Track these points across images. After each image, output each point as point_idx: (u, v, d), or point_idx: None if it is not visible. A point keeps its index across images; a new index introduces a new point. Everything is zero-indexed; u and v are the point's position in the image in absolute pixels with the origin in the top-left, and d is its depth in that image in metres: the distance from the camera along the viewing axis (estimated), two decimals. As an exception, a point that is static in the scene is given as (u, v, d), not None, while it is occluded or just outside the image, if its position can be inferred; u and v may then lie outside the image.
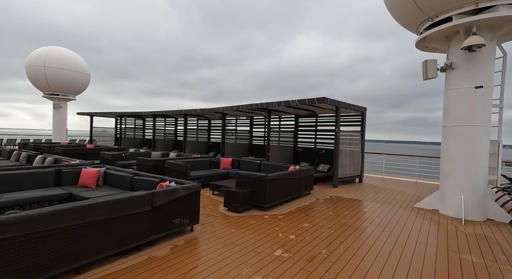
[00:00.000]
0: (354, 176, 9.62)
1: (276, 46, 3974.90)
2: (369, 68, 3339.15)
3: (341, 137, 9.02)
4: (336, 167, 8.62)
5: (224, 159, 8.99)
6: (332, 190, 8.10)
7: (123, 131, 20.37)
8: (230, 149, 13.38)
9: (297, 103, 8.63)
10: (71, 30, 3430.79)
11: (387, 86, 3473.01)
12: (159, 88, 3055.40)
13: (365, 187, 8.83)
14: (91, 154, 12.00)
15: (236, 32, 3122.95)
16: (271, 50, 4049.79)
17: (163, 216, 3.68)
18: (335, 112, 8.75)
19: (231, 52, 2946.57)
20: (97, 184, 5.40)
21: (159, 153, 11.28)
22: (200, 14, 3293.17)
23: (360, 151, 9.94)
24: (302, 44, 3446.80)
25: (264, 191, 5.51)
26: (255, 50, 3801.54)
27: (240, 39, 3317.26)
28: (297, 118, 12.08)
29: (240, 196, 5.26)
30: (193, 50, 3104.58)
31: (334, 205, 6.35)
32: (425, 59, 5.97)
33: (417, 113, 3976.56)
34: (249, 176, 5.74)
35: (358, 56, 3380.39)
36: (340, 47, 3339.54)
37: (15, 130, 41.30)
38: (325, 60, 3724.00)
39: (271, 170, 8.19)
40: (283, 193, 6.08)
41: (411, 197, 7.56)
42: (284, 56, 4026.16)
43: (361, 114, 10.10)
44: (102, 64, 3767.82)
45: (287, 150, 11.78)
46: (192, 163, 8.17)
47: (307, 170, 7.11)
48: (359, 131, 10.02)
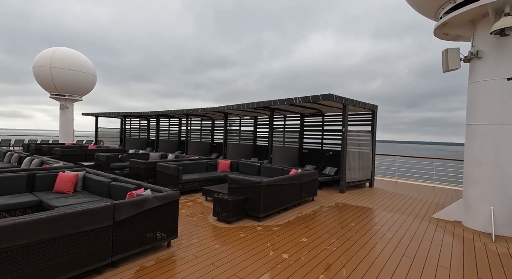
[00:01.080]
0: (364, 180, 8.82)
1: (288, 47, 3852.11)
2: (384, 67, 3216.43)
3: (349, 138, 8.26)
4: (343, 170, 7.87)
5: (222, 161, 8.41)
6: (339, 196, 7.36)
7: (128, 131, 20.20)
8: (232, 150, 12.81)
9: (300, 101, 7.95)
10: (89, 34, 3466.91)
11: (403, 85, 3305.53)
12: (172, 89, 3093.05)
13: (376, 193, 8.03)
14: (91, 155, 11.70)
15: (249, 33, 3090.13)
16: (283, 51, 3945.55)
17: (130, 231, 3.11)
18: (343, 111, 8.01)
19: (243, 53, 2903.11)
20: (75, 189, 4.92)
21: (157, 155, 10.83)
22: (214, 16, 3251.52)
23: (371, 153, 9.13)
24: (315, 44, 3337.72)
25: (258, 198, 4.87)
26: (267, 51, 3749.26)
27: (253, 40, 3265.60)
28: (302, 117, 11.36)
29: (230, 204, 4.65)
30: (206, 52, 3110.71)
31: (340, 214, 5.63)
32: (445, 48, 5.17)
33: (433, 113, 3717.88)
34: (242, 182, 5.12)
35: (373, 55, 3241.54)
36: (355, 46, 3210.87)
37: (28, 131, 42.31)
38: (338, 60, 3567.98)
39: (271, 173, 7.54)
40: (281, 200, 5.42)
41: (428, 204, 6.73)
42: (297, 56, 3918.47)
43: (371, 112, 9.29)
44: (118, 67, 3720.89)
45: (292, 151, 11.09)
46: (187, 166, 7.62)
47: (310, 174, 6.42)
48: (369, 131, 9.22)
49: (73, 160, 11.19)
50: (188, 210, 5.42)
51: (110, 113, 18.36)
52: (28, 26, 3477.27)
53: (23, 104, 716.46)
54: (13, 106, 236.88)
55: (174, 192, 3.59)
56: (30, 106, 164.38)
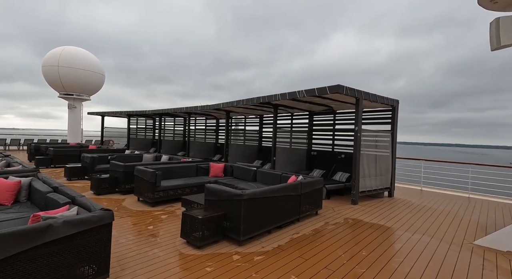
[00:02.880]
0: (382, 189, 7.44)
1: (309, 46, 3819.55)
2: (408, 66, 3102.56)
3: (363, 139, 6.95)
4: (355, 177, 6.56)
5: (215, 164, 7.36)
6: (350, 209, 6.07)
7: (135, 131, 19.75)
8: (235, 151, 11.75)
9: (304, 94, 6.74)
10: (116, 38, 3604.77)
11: (428, 84, 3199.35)
12: (192, 90, 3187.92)
13: (397, 204, 6.65)
14: (86, 156, 11.10)
15: (269, 33, 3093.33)
16: (303, 51, 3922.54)
17: (21, 273, 2.10)
18: (355, 106, 6.70)
19: (262, 53, 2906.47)
20: (17, 199, 4.04)
21: (151, 156, 9.99)
22: (234, 17, 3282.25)
23: (390, 156, 7.73)
24: (336, 43, 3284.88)
25: (238, 216, 3.75)
26: (287, 51, 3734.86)
27: (272, 41, 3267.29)
28: (311, 116, 10.10)
29: (200, 223, 3.56)
30: (226, 53, 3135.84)
31: (348, 235, 4.38)
32: (496, 17, 3.81)
33: (462, 113, 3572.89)
34: (219, 193, 4.03)
35: (397, 53, 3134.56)
36: (378, 45, 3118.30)
37: (50, 131, 43.51)
38: (360, 59, 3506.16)
39: (268, 180, 6.40)
40: (272, 217, 4.27)
41: (466, 222, 5.30)
42: (317, 56, 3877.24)
43: (391, 109, 7.89)
44: (142, 70, 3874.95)
45: (299, 153, 9.86)
46: (172, 169, 6.65)
47: (312, 183, 5.21)
48: (388, 131, 7.82)
49: (66, 160, 10.63)
50: (156, 227, 4.40)
51: (115, 112, 17.93)
52: (63, 30, 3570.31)
53: (53, 106, 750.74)
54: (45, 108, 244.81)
55: (102, 213, 2.56)
56: (60, 108, 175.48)
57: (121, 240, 3.78)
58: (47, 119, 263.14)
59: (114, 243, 3.66)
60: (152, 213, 5.09)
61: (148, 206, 5.55)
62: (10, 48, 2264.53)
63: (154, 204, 5.64)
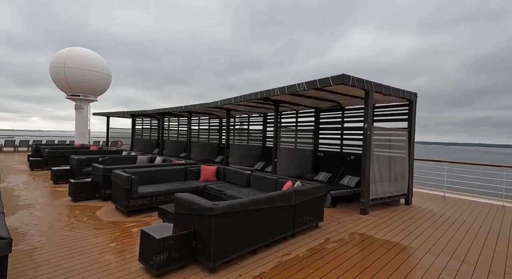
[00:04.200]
0: (397, 196, 6.43)
1: (325, 45, 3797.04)
2: (430, 62, 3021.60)
3: (375, 138, 6.00)
4: (365, 182, 5.62)
5: (206, 167, 6.63)
6: (358, 220, 5.15)
7: (140, 132, 19.48)
8: (237, 152, 11.01)
9: (304, 87, 5.88)
10: (135, 41, 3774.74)
11: (451, 82, 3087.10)
12: (206, 92, 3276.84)
13: (415, 215, 5.65)
14: (83, 157, 10.70)
15: (284, 33, 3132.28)
16: (319, 50, 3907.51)
17: None
18: (365, 100, 5.76)
19: (277, 53, 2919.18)
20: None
21: (145, 157, 9.42)
22: (250, 17, 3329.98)
23: (407, 158, 6.71)
24: (353, 42, 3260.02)
25: (208, 236, 2.98)
26: (302, 51, 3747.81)
27: (288, 40, 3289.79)
28: (317, 112, 9.19)
29: (157, 244, 2.82)
30: (241, 54, 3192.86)
31: (354, 257, 3.50)
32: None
33: (486, 112, 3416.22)
34: (189, 205, 3.27)
35: (418, 50, 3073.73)
36: (398, 42, 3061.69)
37: (64, 133, 44.54)
38: (378, 57, 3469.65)
39: (262, 185, 5.59)
40: (255, 235, 3.46)
41: (504, 240, 4.27)
42: (333, 55, 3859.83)
43: (408, 103, 6.86)
44: (158, 72, 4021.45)
45: (304, 154, 8.98)
46: (158, 173, 5.98)
47: (310, 191, 4.35)
48: (405, 128, 6.80)
49: (61, 162, 10.28)
50: (120, 244, 3.71)
51: (119, 112, 17.69)
52: (85, 35, 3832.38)
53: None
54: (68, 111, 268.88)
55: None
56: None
57: (66, 263, 3.09)
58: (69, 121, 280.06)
59: (56, 269, 2.99)
60: (123, 225, 4.41)
61: (123, 216, 4.89)
62: (36, 52, 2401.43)
63: (130, 213, 4.97)
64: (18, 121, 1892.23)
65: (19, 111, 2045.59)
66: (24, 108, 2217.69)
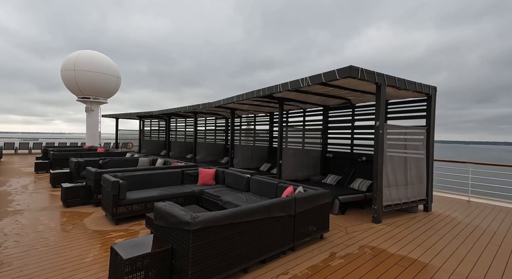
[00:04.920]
0: (415, 202, 5.77)
1: (339, 43, 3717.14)
2: (450, 58, 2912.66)
3: (389, 137, 5.39)
4: (377, 186, 5.01)
5: (204, 170, 6.22)
6: (370, 229, 4.56)
7: (148, 133, 19.46)
8: (242, 154, 10.57)
9: (308, 82, 5.35)
10: (151, 44, 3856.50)
11: (474, 78, 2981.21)
12: (219, 92, 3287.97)
13: (436, 223, 4.99)
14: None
15: (297, 32, 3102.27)
16: (332, 48, 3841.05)
17: None
18: (376, 95, 5.16)
19: (290, 53, 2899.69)
20: None
21: (147, 160, 9.16)
22: (263, 17, 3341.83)
23: (425, 159, 6.03)
24: (368, 39, 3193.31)
25: (185, 254, 2.54)
26: (315, 49, 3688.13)
27: (301, 40, 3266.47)
28: (326, 111, 8.61)
29: (122, 265, 2.40)
30: (254, 54, 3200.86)
31: (363, 278, 2.97)
32: None
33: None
34: (167, 217, 2.84)
35: (438, 45, 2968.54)
36: (416, 37, 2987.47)
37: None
38: (395, 54, 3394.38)
39: (262, 189, 5.12)
40: (247, 250, 2.99)
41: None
42: (347, 53, 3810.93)
43: (426, 98, 6.17)
44: (172, 74, 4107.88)
45: (312, 155, 8.42)
46: (152, 177, 5.62)
47: (312, 197, 3.83)
48: (423, 126, 6.12)
49: (65, 164, 10.20)
50: (97, 259, 3.34)
51: (127, 114, 17.69)
52: (104, 40, 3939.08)
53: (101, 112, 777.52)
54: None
55: None
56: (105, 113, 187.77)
57: (28, 283, 2.75)
58: None
59: (18, 287, 2.64)
60: (108, 235, 4.06)
61: (111, 224, 4.55)
62: (58, 58, 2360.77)
63: (118, 221, 4.62)
64: (42, 125, 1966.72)
65: (43, 115, 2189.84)
66: (48, 112, 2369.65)
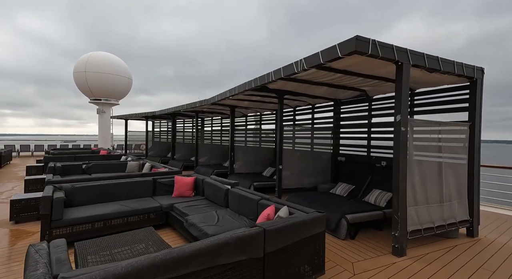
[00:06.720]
0: (454, 224, 4.24)
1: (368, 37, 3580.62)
2: (493, 50, 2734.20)
3: (416, 136, 3.96)
4: (399, 204, 3.60)
5: (181, 178, 5.13)
6: (389, 267, 3.18)
7: (158, 135, 18.98)
8: (243, 156, 9.43)
9: (304, 65, 4.05)
10: (177, 49, 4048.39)
11: None
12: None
13: (487, 256, 3.47)
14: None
15: (322, 29, 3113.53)
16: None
17: None
18: (396, 78, 3.75)
19: (316, 50, 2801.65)
20: None
21: (136, 164, 8.31)
22: (288, 16, 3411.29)
23: (466, 165, 4.47)
24: (400, 32, 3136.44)
25: None
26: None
27: (328, 37, 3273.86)
28: (337, 105, 7.20)
29: None
30: (276, 54, 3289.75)
31: None
32: None
33: None
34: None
35: (478, 36, 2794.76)
36: (453, 29, 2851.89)
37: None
38: (430, 47, 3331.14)
39: (241, 206, 3.93)
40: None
41: None
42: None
43: (469, 84, 4.61)
44: (197, 77, 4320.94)
45: (320, 158, 7.08)
46: (115, 187, 4.63)
47: (295, 227, 2.56)
48: (464, 122, 4.56)
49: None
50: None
51: (136, 114, 17.28)
52: (134, 46, 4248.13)
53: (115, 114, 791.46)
54: None
55: None
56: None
57: None
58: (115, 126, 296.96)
59: None
60: (26, 268, 3.08)
61: (45, 249, 3.59)
62: None
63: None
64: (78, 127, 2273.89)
65: (79, 118, 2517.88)
66: (83, 115, 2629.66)
